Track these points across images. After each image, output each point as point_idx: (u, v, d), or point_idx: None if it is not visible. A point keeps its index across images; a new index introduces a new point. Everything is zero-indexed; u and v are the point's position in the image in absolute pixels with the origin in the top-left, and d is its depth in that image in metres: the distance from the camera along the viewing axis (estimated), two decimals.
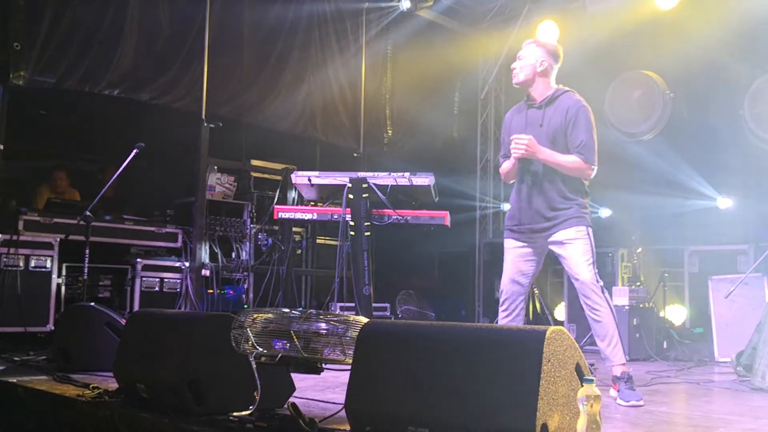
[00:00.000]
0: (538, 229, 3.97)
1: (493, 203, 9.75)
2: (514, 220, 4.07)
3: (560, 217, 3.91)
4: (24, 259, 5.66)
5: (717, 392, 4.52)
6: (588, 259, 3.86)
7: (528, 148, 3.85)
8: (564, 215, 3.91)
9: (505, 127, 4.24)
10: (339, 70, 8.18)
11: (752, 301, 5.91)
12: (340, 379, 3.91)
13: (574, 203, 3.93)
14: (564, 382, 2.17)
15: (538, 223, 3.97)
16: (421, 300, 8.25)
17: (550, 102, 4.01)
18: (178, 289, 6.47)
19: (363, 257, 5.41)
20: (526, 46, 4.10)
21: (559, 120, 3.94)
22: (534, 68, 4.02)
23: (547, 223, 3.94)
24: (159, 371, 3.09)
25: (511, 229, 4.08)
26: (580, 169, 3.90)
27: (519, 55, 4.09)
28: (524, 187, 4.03)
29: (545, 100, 4.02)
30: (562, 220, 3.91)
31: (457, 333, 2.34)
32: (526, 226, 4.00)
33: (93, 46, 6.17)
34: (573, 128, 3.91)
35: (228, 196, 6.99)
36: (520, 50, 4.10)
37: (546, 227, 3.94)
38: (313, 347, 2.65)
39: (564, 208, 3.92)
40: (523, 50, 4.08)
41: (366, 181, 5.35)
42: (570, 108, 3.94)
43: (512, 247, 4.07)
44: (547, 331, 2.13)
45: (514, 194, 4.11)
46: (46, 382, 3.87)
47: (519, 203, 4.05)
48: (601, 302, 3.84)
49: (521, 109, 4.16)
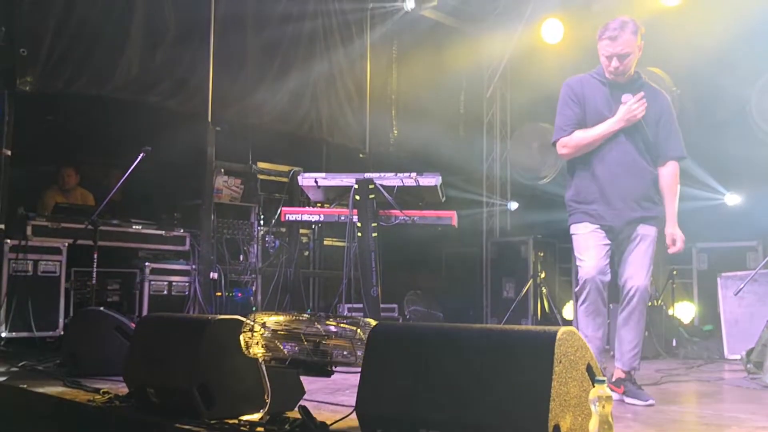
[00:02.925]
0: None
1: (500, 202, 9.74)
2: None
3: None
4: (32, 264, 5.67)
5: (727, 390, 4.50)
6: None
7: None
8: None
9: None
10: (344, 70, 8.18)
11: (762, 297, 5.89)
12: (350, 381, 3.91)
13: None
14: (575, 382, 2.17)
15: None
16: (428, 300, 8.24)
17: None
18: (186, 292, 6.48)
19: (370, 258, 5.40)
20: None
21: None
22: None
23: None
24: (169, 375, 3.09)
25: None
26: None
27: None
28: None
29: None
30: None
31: (468, 334, 2.33)
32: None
33: (99, 50, 6.18)
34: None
35: (235, 198, 7.00)
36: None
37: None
38: (323, 350, 2.65)
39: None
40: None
41: (372, 182, 5.34)
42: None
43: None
44: (558, 332, 2.12)
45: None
46: (57, 387, 3.87)
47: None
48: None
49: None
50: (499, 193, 9.75)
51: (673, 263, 7.39)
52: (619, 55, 3.79)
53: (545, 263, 8.42)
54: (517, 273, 8.69)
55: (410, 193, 5.46)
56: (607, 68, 3.88)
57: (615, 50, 3.79)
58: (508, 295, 8.71)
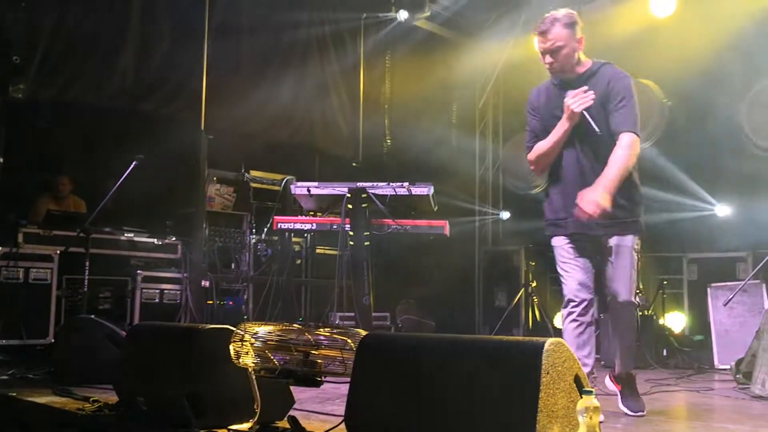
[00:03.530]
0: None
1: (492, 211, 9.76)
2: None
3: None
4: (24, 272, 5.65)
5: (717, 400, 4.52)
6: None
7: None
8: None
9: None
10: (338, 80, 8.21)
11: (751, 308, 5.92)
12: (341, 391, 3.91)
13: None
14: (563, 394, 2.18)
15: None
16: (420, 309, 8.25)
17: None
18: (178, 300, 6.46)
19: (362, 267, 5.41)
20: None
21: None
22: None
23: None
24: (159, 384, 3.10)
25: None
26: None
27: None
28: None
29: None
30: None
31: (455, 345, 2.34)
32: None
33: (93, 58, 6.20)
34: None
35: (227, 206, 7.00)
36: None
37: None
38: (313, 360, 2.66)
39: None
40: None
41: (365, 191, 5.36)
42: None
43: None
44: (545, 343, 2.14)
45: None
46: (46, 395, 3.86)
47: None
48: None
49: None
50: (492, 202, 9.78)
51: (664, 273, 7.43)
52: (551, 50, 3.57)
53: (537, 272, 8.44)
54: (509, 282, 8.71)
55: (403, 202, 5.48)
56: (545, 66, 3.69)
57: (545, 46, 3.58)
58: (499, 304, 8.73)
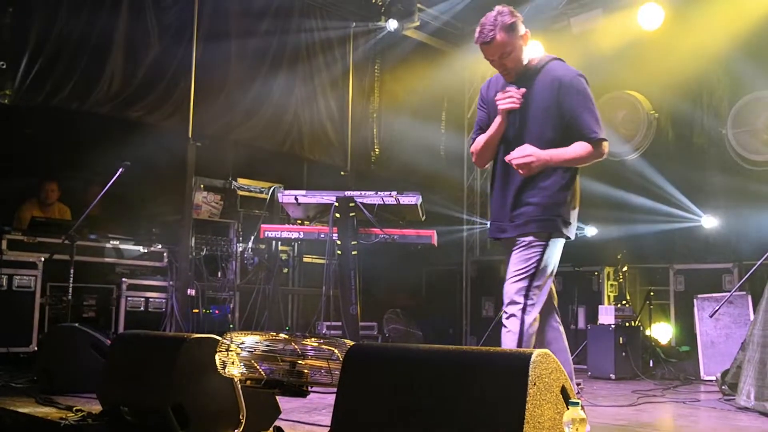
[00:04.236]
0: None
1: (480, 221, 9.77)
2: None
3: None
4: (7, 279, 5.60)
5: (703, 411, 4.53)
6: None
7: None
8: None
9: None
10: (326, 89, 8.21)
11: (737, 319, 5.95)
12: (327, 401, 3.89)
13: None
14: (550, 405, 2.17)
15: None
16: (408, 319, 8.24)
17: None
18: (163, 308, 6.42)
19: (350, 276, 5.40)
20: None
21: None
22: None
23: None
24: (143, 394, 3.06)
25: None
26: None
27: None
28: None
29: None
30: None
31: (442, 356, 2.33)
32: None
33: (80, 64, 6.16)
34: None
35: (214, 214, 6.97)
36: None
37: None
38: (300, 370, 2.64)
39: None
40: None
41: (353, 200, 5.36)
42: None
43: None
44: (533, 355, 2.13)
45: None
46: (28, 405, 3.82)
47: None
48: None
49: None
50: (480, 211, 9.78)
51: (651, 284, 7.46)
52: (498, 60, 3.41)
53: None
54: (497, 292, 8.67)
55: (391, 211, 5.48)
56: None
57: (492, 56, 3.40)
58: (487, 314, 8.73)
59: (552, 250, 3.32)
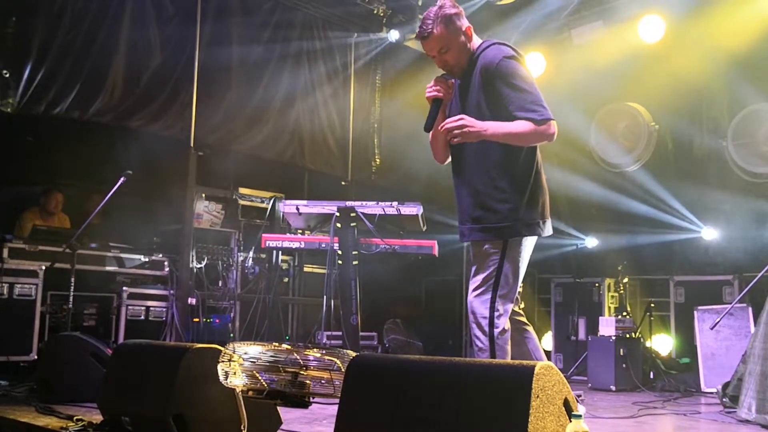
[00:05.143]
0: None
1: None
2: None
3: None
4: (8, 287, 5.59)
5: (704, 424, 4.52)
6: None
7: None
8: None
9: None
10: (328, 99, 8.23)
11: (738, 331, 5.95)
12: (328, 411, 3.88)
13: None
14: (552, 417, 2.17)
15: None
16: (408, 329, 8.22)
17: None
18: (164, 317, 6.42)
19: (350, 286, 5.41)
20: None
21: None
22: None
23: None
24: (144, 404, 3.06)
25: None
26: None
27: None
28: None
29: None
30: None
31: (445, 368, 2.33)
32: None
33: (82, 74, 6.18)
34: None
35: (215, 224, 6.97)
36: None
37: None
38: (302, 381, 2.64)
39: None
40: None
41: (354, 210, 5.37)
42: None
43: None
44: (536, 367, 2.13)
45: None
46: (28, 414, 3.81)
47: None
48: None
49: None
50: None
51: (651, 296, 7.46)
52: (438, 56, 3.31)
53: (524, 293, 8.44)
54: None
55: (391, 221, 5.49)
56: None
57: (432, 52, 3.31)
58: None
59: (513, 254, 3.18)
